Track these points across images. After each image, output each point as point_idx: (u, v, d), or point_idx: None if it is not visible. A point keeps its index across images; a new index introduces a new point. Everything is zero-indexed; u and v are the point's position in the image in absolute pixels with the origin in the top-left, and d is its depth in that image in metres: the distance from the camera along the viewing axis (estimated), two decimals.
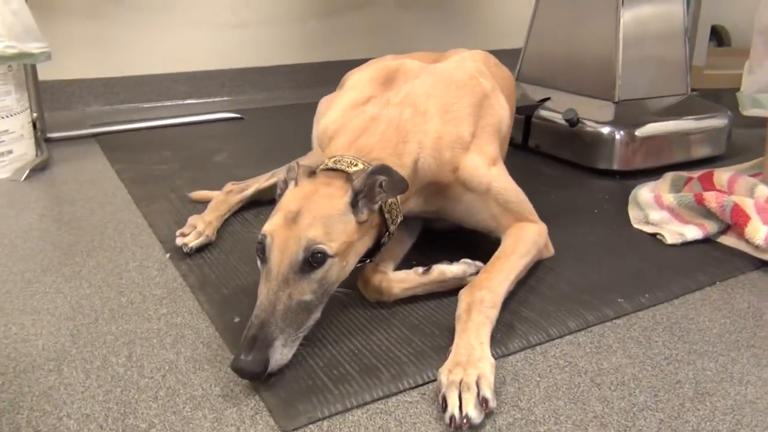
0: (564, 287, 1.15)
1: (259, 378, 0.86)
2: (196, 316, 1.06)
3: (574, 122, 1.76)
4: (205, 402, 0.85)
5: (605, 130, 1.73)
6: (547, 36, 2.04)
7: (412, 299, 1.09)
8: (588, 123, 1.76)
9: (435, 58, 1.42)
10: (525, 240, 1.15)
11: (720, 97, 2.23)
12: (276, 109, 2.57)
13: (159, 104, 2.62)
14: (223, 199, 1.46)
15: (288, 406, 0.83)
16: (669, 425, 0.81)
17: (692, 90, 1.97)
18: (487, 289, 0.99)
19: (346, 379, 0.89)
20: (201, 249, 1.29)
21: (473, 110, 1.17)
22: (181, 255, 1.26)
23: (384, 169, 0.97)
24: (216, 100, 2.71)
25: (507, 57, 3.33)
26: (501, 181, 1.19)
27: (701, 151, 1.85)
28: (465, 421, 0.79)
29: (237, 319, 1.03)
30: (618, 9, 1.78)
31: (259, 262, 0.95)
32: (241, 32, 2.71)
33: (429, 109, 1.12)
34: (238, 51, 2.72)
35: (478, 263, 1.11)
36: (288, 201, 0.97)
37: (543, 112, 1.90)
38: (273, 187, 1.51)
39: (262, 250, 0.93)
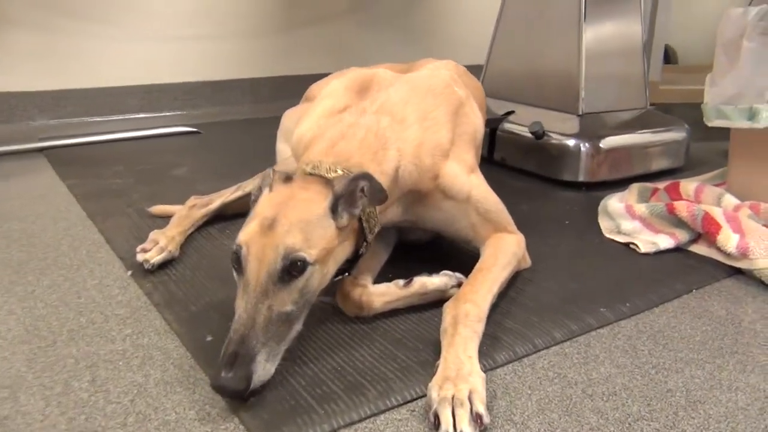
0: (545, 297, 1.13)
1: (241, 396, 0.80)
2: (163, 335, 1.00)
3: (539, 135, 1.77)
4: (180, 427, 0.79)
5: (571, 142, 1.74)
6: (510, 51, 2.05)
7: (392, 313, 1.05)
8: (553, 135, 1.77)
9: (404, 69, 1.40)
10: (505, 251, 1.12)
11: (674, 110, 2.29)
12: (233, 124, 2.51)
13: (110, 118, 2.52)
14: (186, 213, 1.39)
15: (271, 428, 0.78)
16: None
17: (650, 104, 2.01)
18: (471, 302, 0.96)
19: (330, 397, 0.84)
20: (165, 265, 1.22)
21: (450, 118, 1.15)
22: (144, 272, 1.19)
23: (366, 176, 0.94)
24: (169, 114, 2.62)
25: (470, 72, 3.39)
26: (480, 189, 1.17)
27: (662, 163, 1.88)
28: None
29: (209, 338, 0.97)
30: (580, 26, 1.81)
31: (235, 274, 0.89)
32: (197, 45, 2.64)
33: (407, 117, 1.09)
34: (193, 64, 2.65)
35: (459, 275, 1.08)
36: (263, 207, 0.92)
37: (508, 126, 1.90)
38: (239, 200, 1.46)
39: (237, 260, 0.88)
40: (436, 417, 0.78)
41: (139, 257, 1.20)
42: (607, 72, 1.87)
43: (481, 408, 0.79)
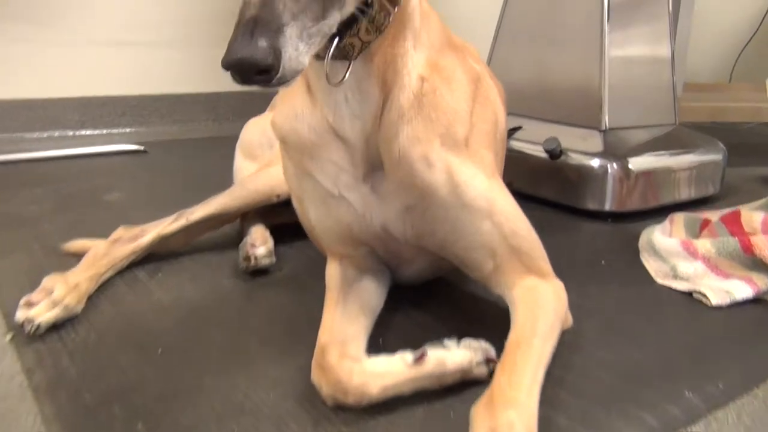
0: (603, 375, 0.80)
1: (270, 75, 0.55)
2: None
3: (556, 154, 1.45)
4: None
5: (595, 162, 1.42)
6: (514, 58, 1.75)
7: (391, 403, 0.71)
8: (573, 155, 1.46)
9: None
10: (545, 310, 0.79)
11: (700, 130, 2.01)
12: (188, 143, 2.16)
13: (46, 134, 2.16)
14: (104, 251, 1.04)
15: None
16: None
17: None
18: (514, 407, 0.62)
19: None
20: (62, 326, 0.86)
21: (470, 87, 0.84)
22: (30, 336, 0.84)
23: None
24: (115, 131, 2.27)
25: None
26: (506, 202, 0.86)
27: (696, 190, 1.58)
28: None
29: None
30: (603, 28, 1.51)
31: None
32: (148, 53, 2.29)
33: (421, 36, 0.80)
34: (143, 75, 2.30)
35: (486, 345, 0.75)
36: None
37: (515, 143, 1.58)
38: (179, 234, 1.12)
39: None
40: None
41: (20, 314, 0.84)
42: (633, 82, 1.58)
43: None
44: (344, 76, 0.74)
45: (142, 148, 1.96)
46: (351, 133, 0.80)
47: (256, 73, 0.55)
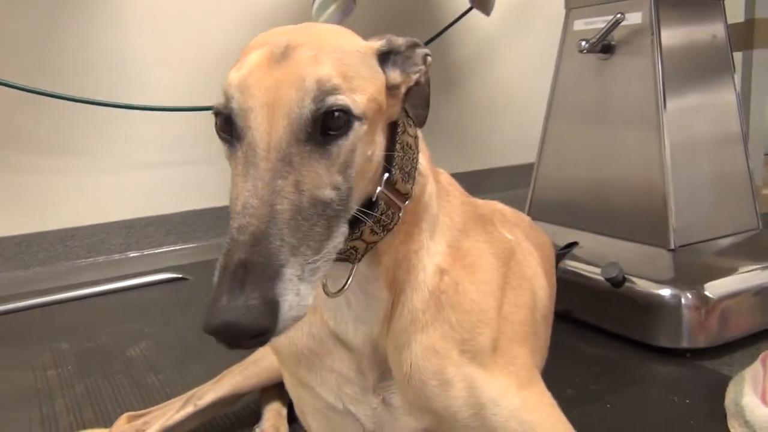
0: None
1: (265, 338, 0.46)
2: None
3: (618, 282, 1.27)
4: None
5: (666, 291, 1.23)
6: (564, 157, 1.59)
7: None
8: (638, 282, 1.27)
9: None
10: None
11: None
12: None
13: (90, 260, 2.14)
14: None
15: None
16: None
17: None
18: None
19: None
20: None
21: (500, 266, 0.74)
22: None
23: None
24: (161, 250, 2.23)
25: (506, 176, 2.95)
26: (545, 418, 0.71)
27: None
28: None
29: None
30: (659, 116, 1.34)
31: (225, 149, 0.55)
32: (186, 171, 2.26)
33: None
34: (184, 192, 2.27)
35: None
36: (267, 35, 0.59)
37: (571, 263, 1.41)
38: (189, 422, 1.01)
39: (226, 121, 0.54)
40: None
41: None
42: (702, 181, 1.38)
43: None
44: (345, 285, 0.62)
45: (182, 275, 1.90)
46: (355, 339, 0.68)
47: (249, 338, 0.45)
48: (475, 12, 2.30)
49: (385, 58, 0.61)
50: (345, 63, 0.55)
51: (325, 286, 0.64)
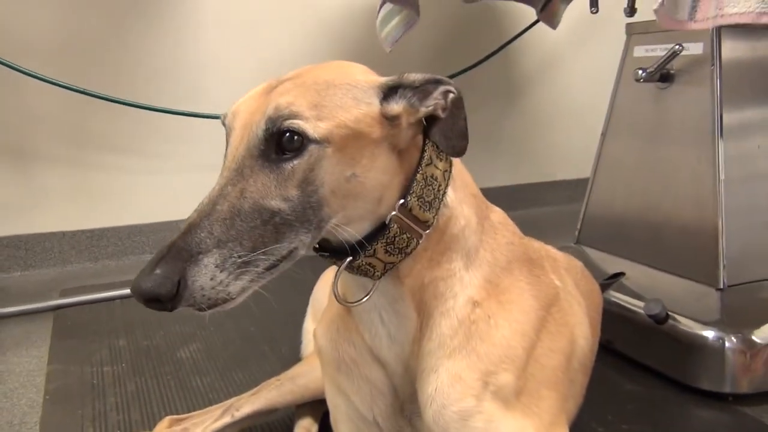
0: None
1: (163, 305, 0.56)
2: None
3: (661, 319, 1.24)
4: None
5: (709, 334, 1.20)
6: (616, 185, 1.56)
7: None
8: (682, 321, 1.24)
9: None
10: None
11: None
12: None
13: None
14: None
15: None
16: None
17: None
18: None
19: None
20: None
21: (539, 309, 0.76)
22: None
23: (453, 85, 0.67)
24: None
25: (568, 189, 2.90)
26: None
27: None
28: None
29: None
30: (716, 148, 1.30)
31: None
32: None
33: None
34: None
35: None
36: (295, 70, 0.68)
37: (616, 294, 1.39)
38: (227, 430, 1.06)
39: (227, 137, 0.66)
40: None
41: None
42: (758, 216, 1.34)
43: None
44: (365, 296, 0.69)
45: None
46: (388, 356, 0.73)
47: (155, 301, 0.56)
48: (541, 24, 2.27)
49: (393, 91, 0.66)
50: (322, 95, 0.62)
51: (336, 295, 0.71)
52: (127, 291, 1.84)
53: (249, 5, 2.23)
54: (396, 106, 0.66)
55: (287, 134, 0.60)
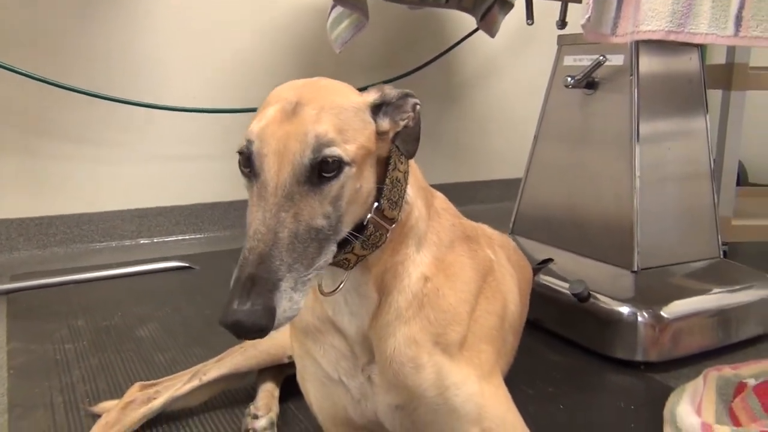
0: None
1: (263, 333, 0.61)
2: None
3: (583, 297, 1.41)
4: None
5: (624, 309, 1.37)
6: (547, 181, 1.73)
7: None
8: (601, 298, 1.41)
9: None
10: None
11: (749, 251, 1.91)
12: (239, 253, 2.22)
13: (104, 245, 2.28)
14: (115, 418, 1.07)
15: None
16: None
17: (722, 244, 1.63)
18: None
19: None
20: None
21: (477, 279, 0.88)
22: None
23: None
24: (170, 239, 2.38)
25: (501, 188, 3.08)
26: (498, 405, 0.85)
27: (744, 331, 1.48)
28: None
29: None
30: (632, 149, 1.47)
31: (245, 182, 0.70)
32: (200, 166, 2.41)
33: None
34: (197, 186, 2.42)
35: None
36: (282, 91, 0.74)
37: (545, 278, 1.55)
38: (193, 393, 1.15)
39: (247, 161, 0.69)
40: None
41: None
42: (668, 211, 1.52)
43: None
44: (338, 287, 0.78)
45: (189, 265, 2.04)
46: (349, 329, 0.83)
47: (252, 333, 0.60)
48: (480, 32, 2.43)
49: (377, 108, 0.76)
50: (341, 119, 0.70)
51: (320, 287, 0.79)
52: (82, 276, 1.89)
53: (207, 4, 2.30)
54: (385, 123, 0.76)
55: (330, 160, 0.67)
